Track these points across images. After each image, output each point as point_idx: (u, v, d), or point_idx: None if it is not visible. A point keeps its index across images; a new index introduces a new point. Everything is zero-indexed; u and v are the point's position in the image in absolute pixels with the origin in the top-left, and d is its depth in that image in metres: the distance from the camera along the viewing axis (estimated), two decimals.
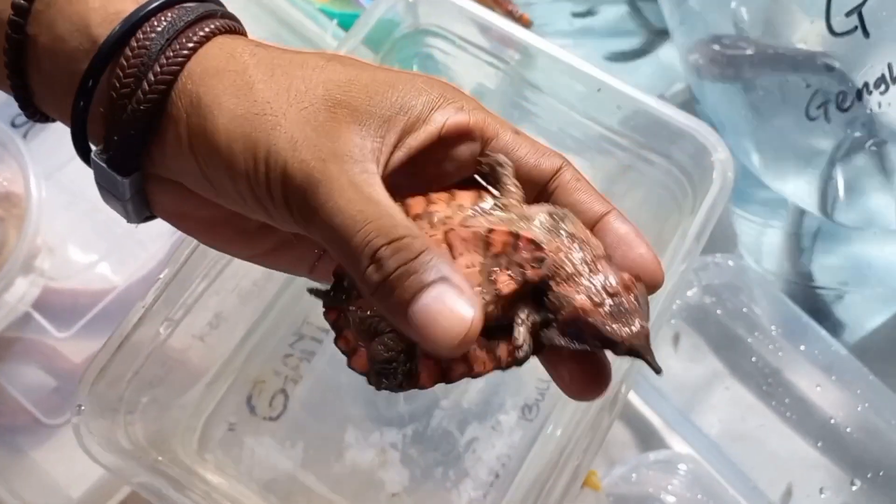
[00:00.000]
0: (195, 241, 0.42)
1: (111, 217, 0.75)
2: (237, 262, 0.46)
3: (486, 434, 0.54)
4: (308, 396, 0.56)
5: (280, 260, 0.34)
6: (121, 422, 0.43)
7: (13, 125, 0.68)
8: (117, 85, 0.28)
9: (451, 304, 0.25)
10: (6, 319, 0.60)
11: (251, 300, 0.58)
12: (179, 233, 0.65)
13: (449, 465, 0.54)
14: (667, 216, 0.51)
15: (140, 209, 0.31)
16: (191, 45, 0.28)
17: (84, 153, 0.30)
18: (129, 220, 0.32)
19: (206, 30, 0.29)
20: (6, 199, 0.62)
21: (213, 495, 0.45)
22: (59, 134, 0.74)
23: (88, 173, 0.31)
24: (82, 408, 0.40)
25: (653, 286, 0.29)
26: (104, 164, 0.29)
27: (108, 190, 0.30)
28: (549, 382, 0.57)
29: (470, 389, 0.56)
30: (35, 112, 0.32)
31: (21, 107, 0.32)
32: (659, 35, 0.74)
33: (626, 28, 0.75)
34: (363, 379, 0.29)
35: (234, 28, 0.30)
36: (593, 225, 0.29)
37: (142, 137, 0.28)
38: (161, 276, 0.43)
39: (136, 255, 0.65)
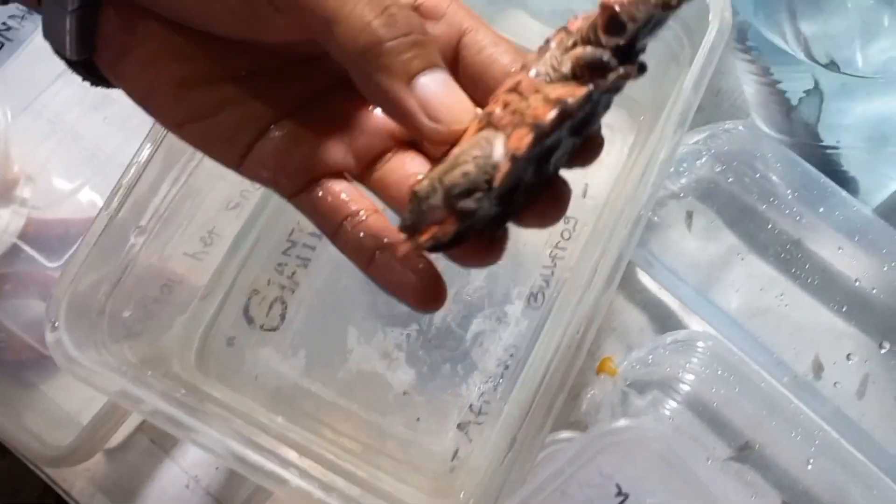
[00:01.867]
0: (152, 146, 0.39)
1: (93, 142, 0.73)
2: (209, 165, 0.44)
3: (491, 327, 0.52)
4: (306, 303, 0.54)
5: (212, 131, 0.30)
6: (104, 337, 0.41)
7: None
8: None
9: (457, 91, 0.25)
10: None
11: (240, 212, 0.56)
12: None
13: (456, 361, 0.52)
14: (665, 71, 0.48)
15: (86, 30, 0.28)
16: None
17: None
18: (70, 54, 0.28)
19: None
20: None
21: (212, 407, 0.44)
22: (32, 59, 0.71)
23: (65, 100, 0.29)
24: (56, 324, 0.38)
25: None
26: None
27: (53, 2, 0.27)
28: (553, 268, 0.54)
29: (472, 281, 0.53)
30: None
31: None
32: None
33: None
34: (362, 282, 0.28)
35: None
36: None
37: None
38: (120, 181, 0.40)
39: None
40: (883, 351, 0.54)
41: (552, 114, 0.23)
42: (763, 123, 0.62)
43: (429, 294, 0.28)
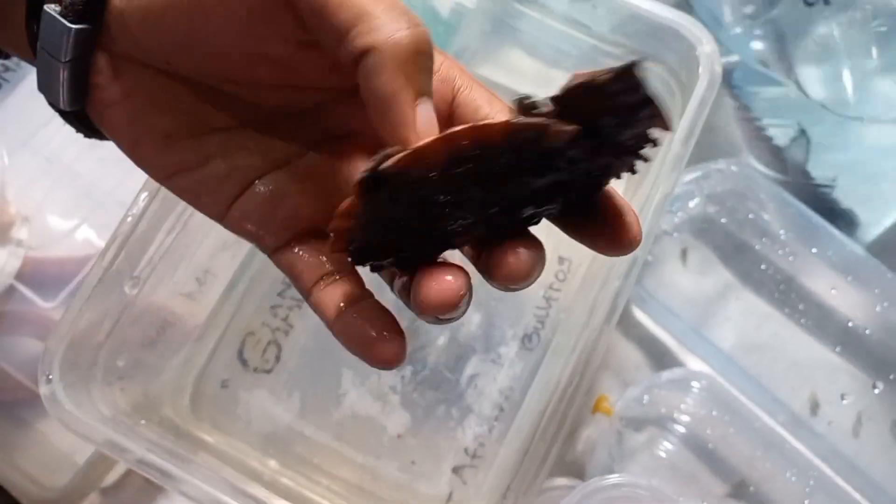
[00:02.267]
0: (148, 196, 0.40)
1: (90, 181, 0.73)
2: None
3: (486, 368, 0.52)
4: (300, 346, 0.54)
5: (197, 184, 0.30)
6: (98, 386, 0.42)
7: None
8: None
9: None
10: None
11: (236, 252, 0.56)
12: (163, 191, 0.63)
13: (451, 403, 0.52)
14: None
15: (79, 81, 0.28)
16: None
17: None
18: (64, 104, 0.29)
19: None
20: None
21: (203, 455, 0.44)
22: (28, 100, 0.72)
23: (63, 138, 0.29)
24: (50, 377, 0.39)
25: None
26: (55, 13, 0.27)
27: (48, 53, 0.28)
28: (548, 309, 0.54)
29: (467, 322, 0.53)
30: None
31: None
32: None
33: None
34: None
35: None
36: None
37: None
38: (116, 232, 0.40)
39: (119, 217, 0.64)
40: (876, 391, 0.54)
41: (429, 139, 0.24)
42: (756, 161, 0.63)
43: (385, 350, 0.28)
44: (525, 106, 0.24)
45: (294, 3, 0.25)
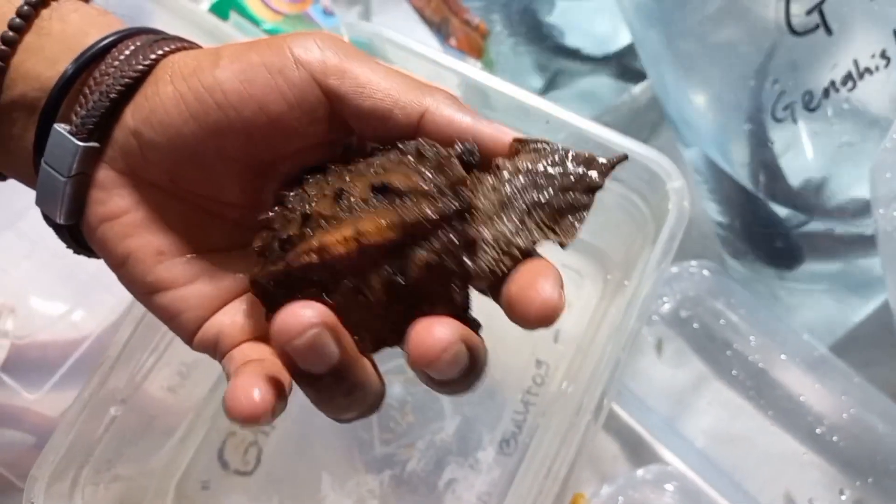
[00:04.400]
0: (135, 320, 0.41)
1: (76, 262, 0.73)
2: None
3: (464, 473, 0.53)
4: (281, 447, 0.55)
5: (175, 304, 0.31)
6: (81, 497, 0.42)
7: None
8: (97, 75, 0.29)
9: None
10: None
11: None
12: None
13: None
14: (632, 240, 0.50)
15: (79, 196, 0.30)
16: (166, 48, 0.29)
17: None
18: (62, 218, 0.30)
19: (174, 45, 0.30)
20: None
21: None
22: (12, 184, 0.73)
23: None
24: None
25: None
26: (65, 132, 0.29)
27: (52, 168, 0.29)
28: (526, 413, 0.56)
29: (445, 427, 0.54)
30: None
31: None
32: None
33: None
34: (336, 427, 0.28)
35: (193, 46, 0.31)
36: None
37: (126, 93, 0.29)
38: (104, 359, 0.41)
39: (103, 301, 0.64)
40: (843, 497, 0.56)
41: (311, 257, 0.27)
42: (730, 258, 0.65)
43: (240, 401, 0.26)
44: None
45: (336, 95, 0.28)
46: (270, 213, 0.28)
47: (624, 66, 0.70)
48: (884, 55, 0.53)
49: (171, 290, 0.30)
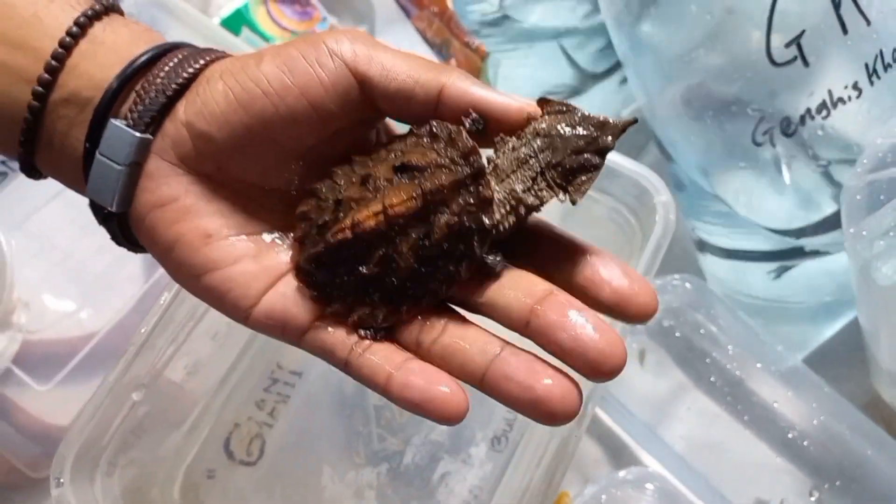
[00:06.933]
0: (160, 309, 0.44)
1: (82, 262, 0.74)
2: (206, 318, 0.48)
3: (457, 468, 0.56)
4: (284, 440, 0.57)
5: (224, 283, 0.33)
6: (99, 485, 0.45)
7: None
8: (150, 78, 0.32)
9: None
10: None
11: (226, 344, 0.60)
12: (152, 277, 0.66)
13: (423, 500, 0.56)
14: (620, 250, 0.53)
15: (131, 184, 0.32)
16: (210, 57, 0.33)
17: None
18: (115, 206, 0.32)
19: (218, 54, 0.34)
20: None
21: None
22: (25, 183, 0.74)
23: (57, 220, 0.33)
24: (61, 480, 0.42)
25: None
26: (121, 124, 0.32)
27: (108, 158, 0.32)
28: (517, 413, 0.59)
29: (440, 425, 0.57)
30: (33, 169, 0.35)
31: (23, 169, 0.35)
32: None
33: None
34: (337, 419, 0.31)
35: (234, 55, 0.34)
36: None
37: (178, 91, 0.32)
38: (129, 346, 0.44)
39: (110, 301, 0.65)
40: (812, 499, 0.59)
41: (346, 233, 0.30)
42: (710, 276, 0.68)
43: (451, 406, 0.30)
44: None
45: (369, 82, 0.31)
46: (306, 207, 0.32)
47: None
48: (856, 86, 0.57)
49: (218, 270, 0.32)
